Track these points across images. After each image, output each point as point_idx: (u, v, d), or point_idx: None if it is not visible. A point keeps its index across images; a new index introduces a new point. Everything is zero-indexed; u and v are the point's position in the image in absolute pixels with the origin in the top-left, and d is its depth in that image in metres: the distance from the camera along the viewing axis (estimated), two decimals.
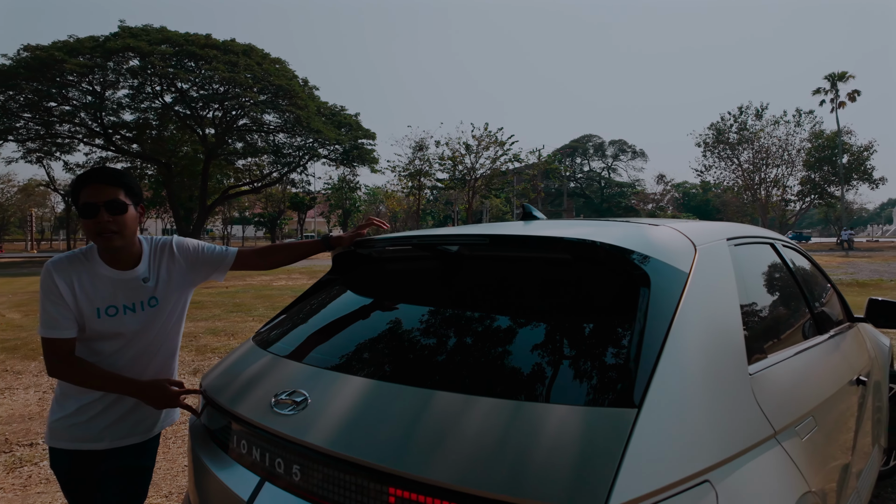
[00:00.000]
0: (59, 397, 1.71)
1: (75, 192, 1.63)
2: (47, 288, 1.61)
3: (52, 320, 1.60)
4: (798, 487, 1.22)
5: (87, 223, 1.61)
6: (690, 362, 1.13)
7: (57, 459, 1.69)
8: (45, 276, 1.63)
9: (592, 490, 0.87)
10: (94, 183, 1.60)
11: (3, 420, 4.43)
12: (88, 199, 1.59)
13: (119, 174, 1.66)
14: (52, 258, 1.68)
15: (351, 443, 1.09)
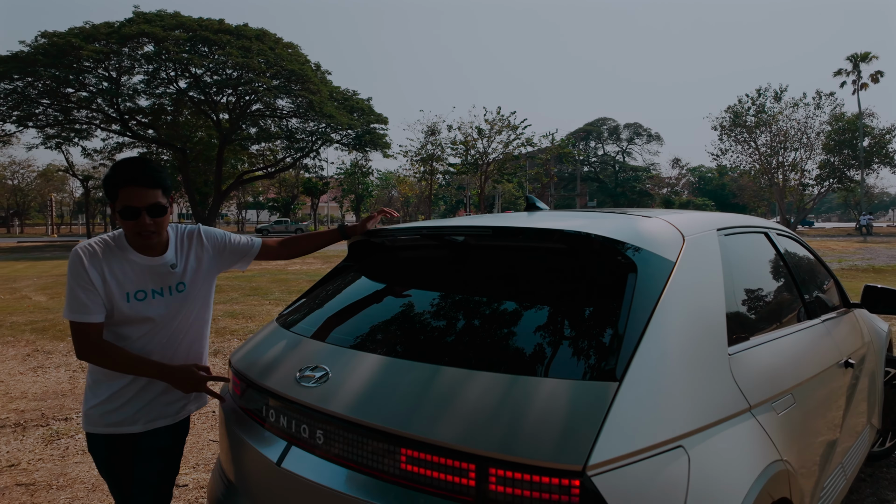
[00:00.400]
0: (92, 385, 1.76)
1: (112, 188, 1.63)
2: (77, 273, 1.63)
3: (82, 305, 1.62)
4: (768, 456, 1.36)
5: (128, 224, 1.64)
6: (671, 342, 1.26)
7: (94, 444, 1.75)
8: (75, 261, 1.65)
9: (575, 449, 1.01)
10: (136, 186, 1.61)
11: (38, 397, 4.69)
12: (130, 202, 1.61)
13: (158, 175, 1.66)
14: (81, 243, 1.70)
15: (368, 410, 1.24)
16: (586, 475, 1.00)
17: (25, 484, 3.10)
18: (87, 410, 1.75)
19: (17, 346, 6.62)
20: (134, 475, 1.76)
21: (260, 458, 1.44)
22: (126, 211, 1.61)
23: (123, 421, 1.73)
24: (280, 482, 1.37)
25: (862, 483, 3.07)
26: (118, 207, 1.63)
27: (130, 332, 1.73)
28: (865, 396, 2.66)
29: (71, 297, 1.64)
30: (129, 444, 1.75)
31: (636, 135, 76.19)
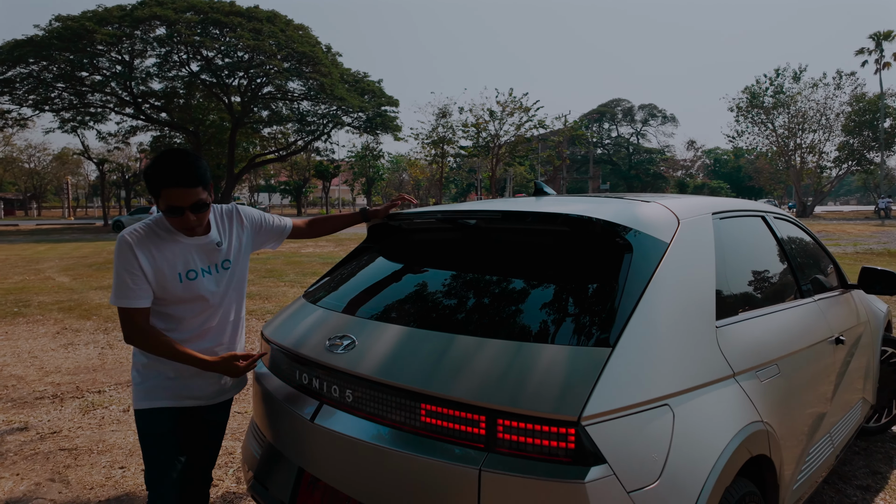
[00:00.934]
0: (140, 367, 1.80)
1: (154, 187, 1.64)
2: (126, 259, 1.66)
3: (129, 291, 1.65)
4: (748, 417, 1.51)
5: (172, 220, 1.68)
6: (661, 315, 1.41)
7: (142, 419, 1.78)
8: (124, 249, 1.67)
9: (571, 403, 1.17)
10: (177, 187, 1.61)
11: (71, 371, 4.96)
12: (174, 202, 1.63)
13: (198, 172, 1.66)
14: (126, 229, 1.73)
15: (391, 371, 1.41)
16: (581, 425, 1.16)
17: (68, 449, 3.35)
18: (138, 387, 1.79)
19: (46, 324, 6.92)
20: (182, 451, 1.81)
21: (294, 416, 1.63)
22: (170, 210, 1.65)
23: (171, 396, 1.79)
24: (313, 436, 1.56)
25: (856, 456, 3.21)
26: (162, 206, 1.66)
27: (185, 313, 1.78)
28: (859, 373, 2.79)
29: (118, 283, 1.67)
30: (176, 420, 1.80)
31: (651, 116, 75.10)
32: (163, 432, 1.79)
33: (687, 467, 1.27)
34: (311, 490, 1.62)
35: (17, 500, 2.76)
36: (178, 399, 1.81)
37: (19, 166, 58.29)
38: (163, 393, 1.79)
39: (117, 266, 1.68)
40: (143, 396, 1.79)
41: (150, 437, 1.79)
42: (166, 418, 1.79)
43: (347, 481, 1.47)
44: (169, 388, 1.80)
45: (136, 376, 1.83)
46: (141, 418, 1.79)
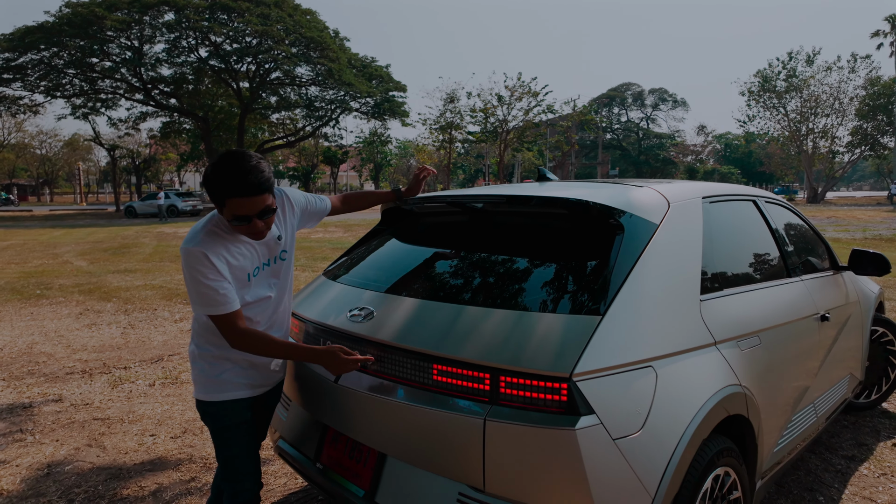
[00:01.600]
0: (210, 358, 1.72)
1: (219, 196, 1.56)
2: (203, 268, 1.56)
3: (219, 297, 1.56)
4: (727, 380, 1.67)
5: (239, 228, 1.61)
6: (648, 288, 1.57)
7: (230, 410, 1.72)
8: (197, 258, 1.56)
9: (564, 362, 1.35)
10: (243, 197, 1.54)
11: (97, 349, 5.22)
12: (240, 212, 1.56)
13: (262, 179, 1.57)
14: (190, 237, 1.60)
15: (407, 337, 1.60)
16: (572, 381, 1.33)
17: (101, 419, 3.59)
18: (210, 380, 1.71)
19: (68, 305, 7.20)
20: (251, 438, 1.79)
21: (320, 379, 1.82)
22: (236, 219, 1.58)
23: (245, 385, 1.75)
24: (337, 395, 1.75)
25: (844, 429, 3.38)
26: (227, 215, 1.59)
27: (255, 310, 1.74)
28: (847, 349, 2.94)
29: (202, 292, 1.57)
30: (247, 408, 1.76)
31: (661, 101, 74.22)
32: (242, 422, 1.74)
33: (667, 420, 1.44)
34: (334, 444, 1.82)
35: (59, 462, 3.00)
36: (252, 388, 1.77)
37: (31, 152, 58.90)
38: (240, 384, 1.73)
39: (195, 276, 1.57)
40: (217, 388, 1.71)
41: (229, 429, 1.73)
42: (243, 408, 1.74)
43: (368, 434, 1.66)
44: (245, 379, 1.74)
45: (204, 368, 1.73)
46: (217, 410, 1.71)
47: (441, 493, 1.47)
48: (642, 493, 1.37)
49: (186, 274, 1.60)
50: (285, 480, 2.81)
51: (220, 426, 1.73)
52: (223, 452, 1.75)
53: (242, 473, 1.76)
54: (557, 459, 1.31)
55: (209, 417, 1.74)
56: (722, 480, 1.67)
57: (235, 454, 1.75)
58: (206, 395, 1.72)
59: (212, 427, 1.75)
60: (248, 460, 1.77)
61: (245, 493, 1.77)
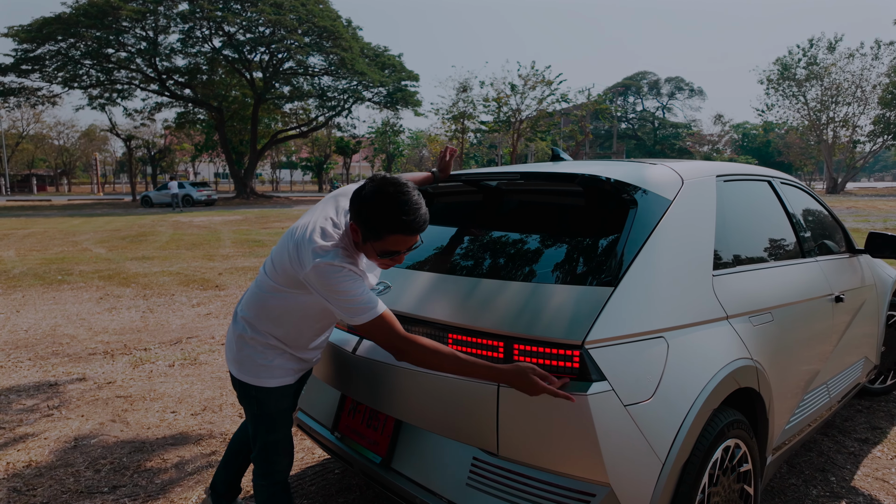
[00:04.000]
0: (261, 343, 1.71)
1: (380, 231, 1.49)
2: (347, 278, 1.49)
3: (368, 302, 1.50)
4: (738, 353, 1.69)
5: (382, 260, 1.58)
6: (661, 262, 1.59)
7: (284, 395, 1.74)
8: (338, 271, 1.49)
9: (577, 330, 1.38)
10: (412, 235, 1.51)
11: (118, 332, 5.34)
12: (399, 248, 1.53)
13: (427, 218, 1.54)
14: (328, 256, 1.50)
15: (423, 308, 1.64)
16: (584, 348, 1.36)
17: (124, 396, 3.69)
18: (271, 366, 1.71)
19: (89, 290, 7.36)
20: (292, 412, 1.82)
21: (338, 350, 1.87)
22: (388, 254, 1.54)
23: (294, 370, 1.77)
24: (355, 365, 1.80)
25: (858, 413, 3.37)
26: (378, 249, 1.53)
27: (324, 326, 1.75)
28: (862, 332, 2.93)
29: (351, 303, 1.50)
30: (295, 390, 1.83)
31: (678, 89, 73.08)
32: (287, 407, 1.79)
33: (678, 389, 1.47)
34: (351, 413, 1.87)
35: (85, 436, 3.11)
36: (297, 374, 1.80)
37: (49, 143, 59.82)
38: (288, 371, 1.75)
39: (342, 288, 1.50)
40: (268, 375, 1.72)
41: (277, 413, 1.76)
42: (289, 394, 1.78)
43: (385, 401, 1.71)
44: (294, 365, 1.76)
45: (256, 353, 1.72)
46: (266, 396, 1.73)
47: (456, 457, 1.52)
48: (652, 458, 1.40)
49: (333, 287, 1.51)
50: (302, 455, 2.88)
51: (268, 411, 1.74)
52: (268, 436, 1.77)
53: (282, 454, 1.79)
54: (569, 424, 1.35)
55: (255, 402, 1.74)
56: (732, 452, 1.69)
57: (279, 438, 1.77)
58: (256, 381, 1.71)
59: (257, 411, 1.75)
60: (288, 442, 1.80)
61: (281, 472, 1.81)
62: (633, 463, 1.37)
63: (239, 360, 1.74)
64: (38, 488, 2.56)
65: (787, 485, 2.54)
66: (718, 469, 1.63)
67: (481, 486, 1.46)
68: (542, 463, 1.39)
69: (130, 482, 2.61)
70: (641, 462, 1.38)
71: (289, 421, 1.80)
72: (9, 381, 3.97)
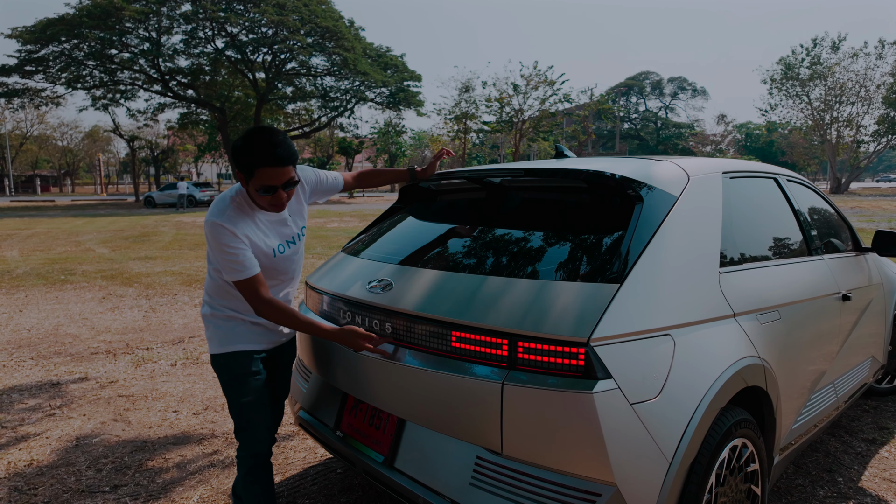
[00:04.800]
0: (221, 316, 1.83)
1: (248, 166, 1.65)
2: (226, 238, 1.67)
3: (243, 263, 1.67)
4: (745, 352, 1.67)
5: (263, 198, 1.70)
6: (667, 259, 1.57)
7: (238, 361, 1.81)
8: (219, 230, 1.67)
9: (582, 328, 1.36)
10: (273, 167, 1.64)
11: (121, 331, 5.34)
12: (268, 181, 1.66)
13: (292, 151, 1.69)
14: (216, 213, 1.71)
15: (426, 305, 1.61)
16: (590, 346, 1.34)
17: (126, 395, 3.68)
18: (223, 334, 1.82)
19: (92, 290, 7.36)
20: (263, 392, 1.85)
21: (340, 348, 1.85)
22: (264, 189, 1.68)
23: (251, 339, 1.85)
24: (358, 363, 1.78)
25: (865, 413, 3.34)
26: (255, 185, 1.68)
27: (275, 284, 1.86)
28: (869, 331, 2.90)
29: (229, 261, 1.68)
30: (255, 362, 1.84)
31: (680, 89, 72.92)
32: (253, 372, 1.83)
33: (685, 387, 1.45)
34: (353, 412, 1.85)
35: (87, 435, 3.10)
36: (260, 343, 1.87)
37: (53, 144, 60.00)
38: (250, 338, 1.83)
39: (220, 247, 1.68)
40: (229, 340, 1.81)
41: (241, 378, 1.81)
42: (254, 360, 1.83)
43: (388, 400, 1.69)
44: (255, 334, 1.84)
45: (218, 325, 1.84)
46: (229, 361, 1.81)
47: (459, 456, 1.50)
48: (659, 457, 1.38)
49: (212, 244, 1.72)
50: (304, 454, 2.87)
51: (232, 376, 1.82)
52: (236, 401, 1.82)
53: (255, 422, 1.83)
54: (575, 423, 1.32)
55: (222, 369, 1.83)
56: (739, 452, 1.67)
57: (247, 402, 1.82)
58: (220, 348, 1.82)
59: (225, 379, 1.83)
60: (260, 410, 1.84)
61: (257, 443, 1.85)
62: (640, 462, 1.35)
63: (208, 336, 1.87)
64: (40, 487, 2.55)
65: (793, 485, 2.51)
66: (726, 469, 1.61)
67: (485, 486, 1.44)
68: (547, 462, 1.37)
69: (132, 481, 2.60)
70: (648, 461, 1.36)
71: (257, 389, 1.83)
72: (11, 381, 3.97)
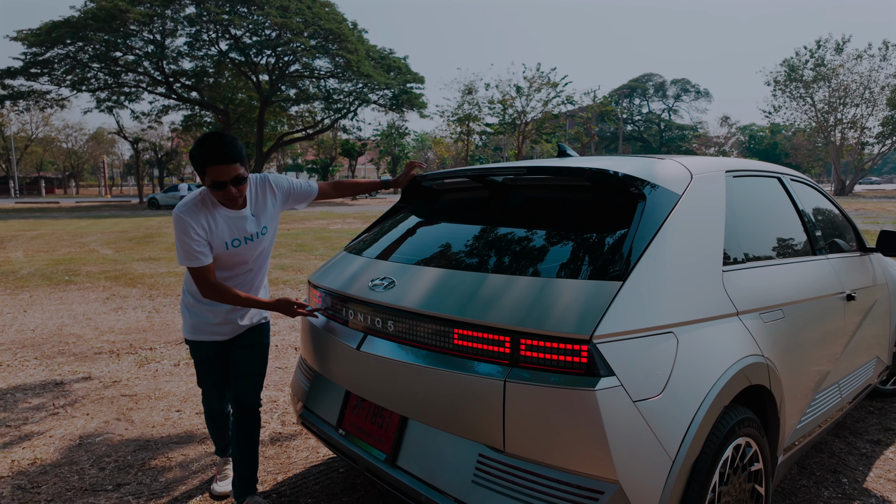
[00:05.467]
0: (189, 305, 2.23)
1: (200, 165, 1.92)
2: (186, 229, 1.97)
3: (195, 253, 1.98)
4: (749, 350, 1.66)
5: (216, 194, 1.97)
6: (670, 257, 1.56)
7: (198, 348, 2.27)
8: (181, 221, 1.98)
9: (585, 325, 1.35)
10: (219, 164, 1.89)
11: (124, 331, 5.35)
12: (217, 178, 1.91)
13: (236, 151, 1.93)
14: (180, 206, 2.02)
15: (428, 303, 1.61)
16: (592, 343, 1.34)
17: (129, 395, 3.69)
18: (194, 324, 2.23)
19: (95, 291, 7.39)
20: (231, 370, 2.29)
21: (342, 346, 1.85)
22: (214, 185, 1.94)
23: (220, 332, 2.25)
24: (360, 361, 1.78)
25: (870, 415, 3.32)
26: (207, 182, 1.95)
27: (229, 275, 2.16)
28: (874, 332, 2.88)
29: (184, 249, 1.99)
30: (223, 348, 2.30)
31: (683, 91, 72.83)
32: (207, 357, 2.30)
33: (688, 385, 1.44)
34: (356, 410, 1.85)
35: (90, 434, 3.11)
36: (213, 335, 2.25)
37: (58, 146, 60.28)
38: (204, 330, 2.24)
39: (179, 235, 2.00)
40: (190, 330, 2.26)
41: (199, 361, 2.33)
42: (209, 348, 2.28)
43: (390, 398, 1.69)
44: (209, 328, 2.24)
45: (184, 311, 2.28)
46: (192, 346, 2.31)
47: (462, 453, 1.49)
48: (662, 455, 1.37)
49: (175, 233, 2.02)
50: (307, 454, 2.87)
51: (194, 358, 2.33)
52: (198, 371, 2.35)
53: (207, 389, 2.38)
54: (577, 420, 1.32)
55: (191, 349, 2.31)
56: (743, 451, 1.66)
57: (202, 378, 2.36)
58: (189, 335, 2.27)
59: (192, 356, 2.32)
60: (211, 385, 2.36)
61: (209, 401, 2.41)
62: (643, 460, 1.34)
63: (183, 322, 2.29)
64: (43, 486, 2.55)
65: (798, 486, 2.50)
66: (729, 468, 1.60)
67: (487, 484, 1.43)
68: (550, 460, 1.37)
69: (135, 480, 2.60)
70: (651, 459, 1.35)
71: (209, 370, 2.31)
72: (15, 380, 3.98)
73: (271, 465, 2.75)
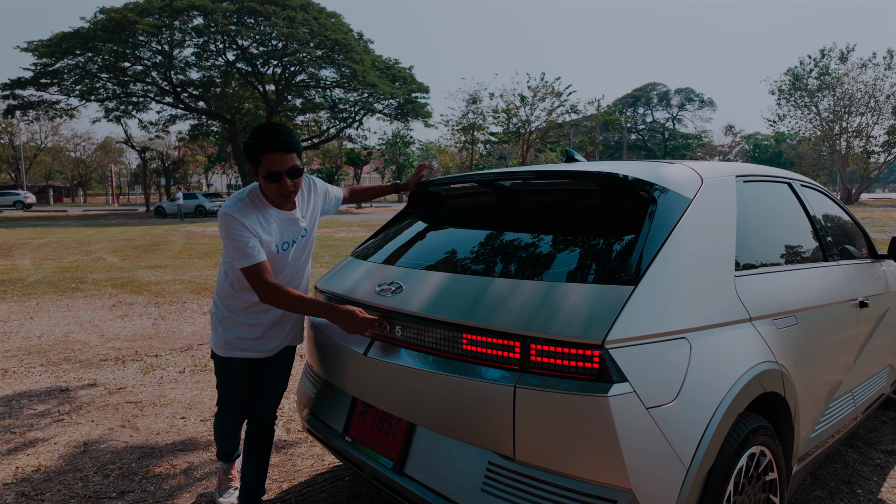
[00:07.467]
0: (222, 318, 2.05)
1: (255, 154, 1.81)
2: (235, 228, 1.82)
3: (248, 251, 1.81)
4: (763, 356, 1.63)
5: (271, 186, 1.84)
6: (681, 261, 1.54)
7: (229, 366, 2.08)
8: (229, 220, 1.83)
9: (597, 330, 1.33)
10: (278, 152, 1.79)
11: (130, 338, 5.35)
12: (273, 167, 1.80)
13: (295, 140, 1.84)
14: (227, 205, 1.88)
15: (436, 308, 1.59)
16: (605, 348, 1.31)
17: (134, 402, 3.68)
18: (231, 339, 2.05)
19: (102, 298, 7.40)
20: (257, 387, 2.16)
21: (349, 352, 1.83)
22: (270, 175, 1.83)
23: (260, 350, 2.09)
24: (367, 367, 1.76)
25: (883, 425, 3.26)
26: (262, 172, 1.84)
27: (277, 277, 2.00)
28: (887, 340, 2.84)
29: (237, 248, 1.82)
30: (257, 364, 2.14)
31: (688, 100, 72.92)
32: (236, 375, 2.13)
33: (702, 391, 1.41)
34: (362, 417, 1.83)
35: (94, 441, 3.09)
36: (246, 352, 2.10)
37: (66, 155, 60.85)
38: (239, 347, 2.08)
39: (230, 236, 1.84)
40: (223, 346, 2.08)
41: (227, 378, 2.15)
42: (241, 365, 2.11)
43: (397, 404, 1.67)
44: (246, 345, 2.07)
45: (216, 325, 2.11)
46: (221, 362, 2.13)
47: (471, 461, 1.47)
48: (676, 464, 1.34)
49: (223, 234, 1.87)
50: (312, 462, 2.84)
51: (221, 374, 2.16)
52: (223, 388, 2.18)
53: (227, 406, 2.21)
54: (589, 427, 1.29)
55: (220, 366, 2.14)
56: (758, 460, 1.63)
57: (227, 396, 2.19)
58: (217, 350, 2.11)
59: (220, 372, 2.15)
60: (234, 405, 2.20)
61: (224, 415, 2.24)
62: (657, 468, 1.31)
63: (212, 335, 2.13)
64: (47, 493, 2.54)
65: (811, 497, 2.45)
66: (744, 477, 1.57)
67: (497, 492, 1.40)
68: (561, 468, 1.34)
69: (139, 487, 2.58)
70: (665, 467, 1.32)
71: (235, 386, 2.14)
72: (21, 386, 3.98)
73: (276, 473, 2.72)
